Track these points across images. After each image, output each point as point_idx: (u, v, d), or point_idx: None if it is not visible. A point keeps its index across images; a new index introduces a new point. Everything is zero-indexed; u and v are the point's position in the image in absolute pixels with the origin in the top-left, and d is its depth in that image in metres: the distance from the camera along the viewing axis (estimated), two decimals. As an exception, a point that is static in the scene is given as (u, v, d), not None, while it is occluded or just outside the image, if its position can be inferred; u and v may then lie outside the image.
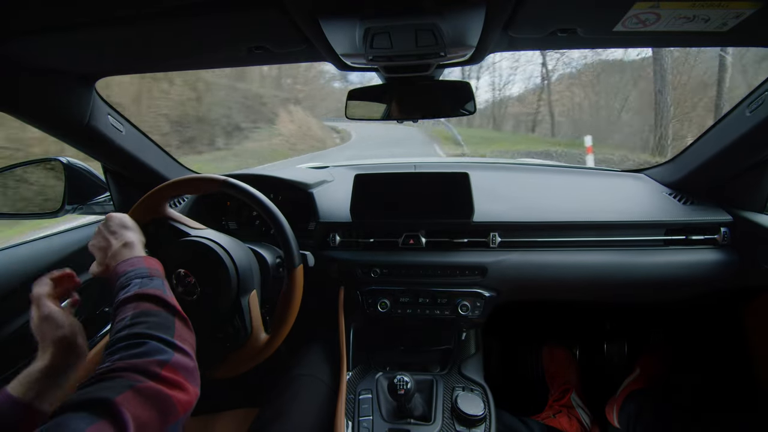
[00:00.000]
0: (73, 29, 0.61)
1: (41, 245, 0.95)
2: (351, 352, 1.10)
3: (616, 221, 1.03)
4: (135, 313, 0.49)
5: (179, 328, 0.50)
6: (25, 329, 0.85)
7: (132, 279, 0.56)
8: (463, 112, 0.91)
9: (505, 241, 1.04)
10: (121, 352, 0.43)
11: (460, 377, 1.03)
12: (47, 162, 1.07)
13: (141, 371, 0.41)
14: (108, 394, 0.37)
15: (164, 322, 0.50)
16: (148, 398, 0.39)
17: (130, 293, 0.53)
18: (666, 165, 1.21)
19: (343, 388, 0.89)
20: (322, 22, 0.59)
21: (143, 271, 0.58)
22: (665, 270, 0.99)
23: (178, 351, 0.46)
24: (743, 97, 0.88)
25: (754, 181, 0.99)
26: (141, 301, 0.52)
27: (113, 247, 0.64)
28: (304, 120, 16.32)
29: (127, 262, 0.60)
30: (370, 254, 1.07)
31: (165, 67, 0.99)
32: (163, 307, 0.52)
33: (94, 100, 0.91)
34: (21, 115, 0.81)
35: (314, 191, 1.14)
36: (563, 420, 1.16)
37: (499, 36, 0.67)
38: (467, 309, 1.02)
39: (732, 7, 0.55)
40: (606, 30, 0.64)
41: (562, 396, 1.24)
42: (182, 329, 0.51)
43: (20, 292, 0.86)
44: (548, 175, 1.36)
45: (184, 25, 0.63)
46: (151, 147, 1.14)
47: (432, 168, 1.16)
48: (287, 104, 15.96)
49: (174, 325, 0.50)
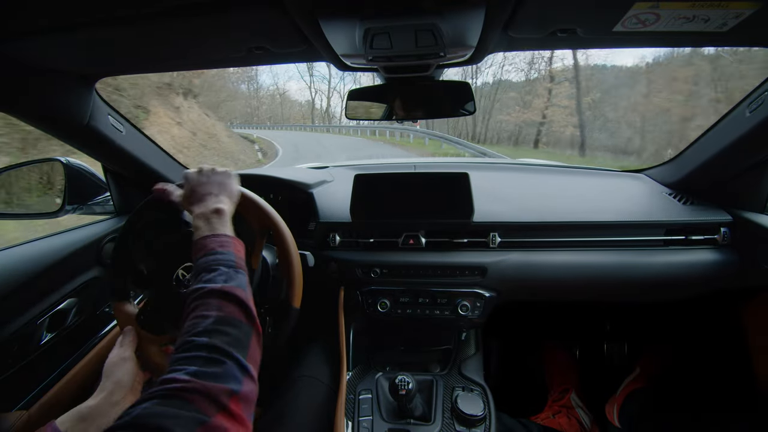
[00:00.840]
0: (73, 29, 0.61)
1: (41, 245, 0.95)
2: (351, 353, 1.10)
3: (616, 221, 1.03)
4: (219, 317, 0.46)
5: (253, 346, 0.46)
6: (26, 329, 0.86)
7: (220, 265, 0.53)
8: (462, 112, 0.91)
9: (505, 242, 1.04)
10: (198, 365, 0.39)
11: (460, 377, 1.03)
12: (47, 162, 1.07)
13: (213, 400, 0.37)
14: (175, 427, 0.33)
15: (243, 337, 0.46)
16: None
17: (217, 285, 0.50)
18: (666, 165, 1.21)
19: (343, 388, 0.89)
20: (322, 23, 0.59)
21: (231, 258, 0.55)
22: (665, 270, 0.99)
23: (249, 378, 0.42)
24: (743, 97, 0.88)
25: (754, 181, 0.99)
26: (226, 302, 0.48)
27: (208, 204, 0.63)
28: (202, 122, 10.62)
29: (217, 240, 0.57)
30: (370, 254, 1.07)
31: (165, 68, 0.99)
32: (245, 317, 0.48)
33: (94, 101, 0.91)
34: (21, 115, 0.81)
35: (314, 191, 1.14)
36: (562, 420, 1.16)
37: (499, 36, 0.67)
38: (467, 309, 1.02)
39: (732, 7, 0.55)
40: (606, 30, 0.64)
41: (562, 396, 1.24)
42: (255, 348, 0.47)
43: (20, 292, 0.86)
44: (548, 175, 1.36)
45: (184, 25, 0.63)
46: (152, 147, 1.14)
47: (432, 168, 1.16)
48: (170, 95, 9.31)
49: (249, 343, 0.46)
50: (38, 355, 0.88)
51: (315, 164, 1.50)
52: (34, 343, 0.89)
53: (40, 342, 0.90)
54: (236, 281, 0.52)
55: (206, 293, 0.49)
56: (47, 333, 0.91)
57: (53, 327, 0.93)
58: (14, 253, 0.90)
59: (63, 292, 0.95)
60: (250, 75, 35.76)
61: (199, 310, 0.47)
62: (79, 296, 0.98)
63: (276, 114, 39.59)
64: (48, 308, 0.91)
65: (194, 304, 0.48)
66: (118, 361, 0.62)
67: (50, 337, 0.92)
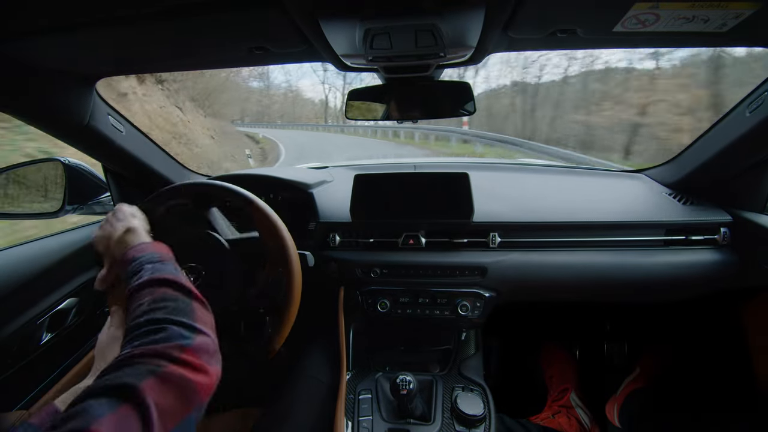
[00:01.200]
0: (74, 30, 0.61)
1: (41, 245, 0.96)
2: (351, 353, 1.10)
3: (615, 221, 1.03)
4: (152, 299, 0.48)
5: (198, 310, 0.49)
6: (26, 329, 0.86)
7: (143, 264, 0.55)
8: (462, 112, 0.91)
9: (505, 242, 1.04)
10: (141, 338, 0.42)
11: (459, 377, 1.03)
12: (47, 162, 1.07)
13: (162, 356, 0.40)
14: (129, 379, 0.36)
15: (183, 306, 0.48)
16: (170, 383, 0.38)
17: (144, 279, 0.51)
18: (666, 165, 1.21)
19: (342, 388, 0.89)
20: (322, 23, 0.59)
21: (154, 256, 0.57)
22: (665, 270, 0.99)
23: (200, 334, 0.45)
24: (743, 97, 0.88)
25: (754, 181, 0.99)
26: (156, 287, 0.50)
27: (117, 233, 0.64)
28: (166, 117, 7.46)
29: (135, 248, 0.59)
30: (370, 254, 1.07)
31: (165, 68, 0.99)
32: (180, 291, 0.51)
33: (94, 101, 0.91)
34: (21, 115, 0.81)
35: (314, 191, 1.14)
36: (562, 420, 1.16)
37: (499, 36, 0.67)
38: (467, 309, 1.02)
39: (731, 7, 0.55)
40: (605, 30, 0.64)
41: (561, 396, 1.24)
42: (201, 311, 0.49)
43: (20, 292, 0.86)
44: (548, 175, 1.36)
45: (184, 25, 0.63)
46: (152, 147, 1.15)
47: (432, 168, 1.16)
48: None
49: (193, 309, 0.49)
50: (38, 355, 0.89)
51: (315, 164, 1.50)
52: (34, 343, 0.89)
53: (40, 342, 0.90)
54: (162, 270, 0.53)
55: (136, 288, 0.50)
56: (47, 333, 0.92)
57: (53, 327, 0.93)
58: (14, 253, 0.90)
59: (63, 292, 0.95)
60: (261, 72, 34.76)
61: (134, 304, 0.49)
62: (79, 296, 0.98)
63: (288, 112, 38.17)
64: (48, 308, 0.91)
65: (130, 302, 0.50)
66: (110, 341, 0.62)
67: (50, 336, 0.92)
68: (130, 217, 0.68)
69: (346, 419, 0.90)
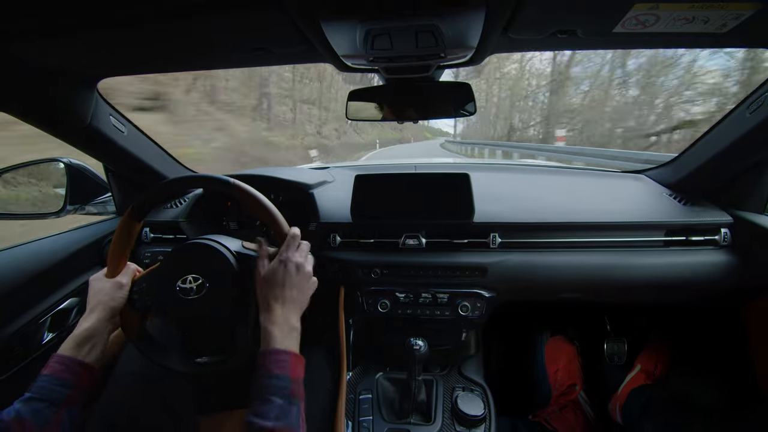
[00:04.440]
0: (75, 30, 0.62)
1: (43, 245, 0.96)
2: (351, 353, 1.10)
3: (616, 222, 1.03)
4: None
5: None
6: (27, 329, 0.86)
7: (273, 393, 0.54)
8: (463, 112, 0.91)
9: (505, 242, 1.04)
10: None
11: (460, 377, 1.04)
12: (49, 162, 1.08)
13: None
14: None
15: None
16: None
17: (267, 425, 0.51)
18: (666, 166, 1.21)
19: (343, 389, 0.89)
20: (322, 23, 0.59)
21: (286, 387, 0.56)
22: (665, 271, 0.99)
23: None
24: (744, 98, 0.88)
25: (754, 181, 0.99)
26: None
27: (288, 313, 0.63)
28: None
29: (277, 361, 0.57)
30: (371, 255, 1.07)
31: (167, 68, 0.99)
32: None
33: (96, 101, 0.91)
34: (23, 116, 0.82)
35: (315, 192, 1.14)
36: (569, 415, 1.15)
37: (499, 37, 0.67)
38: (467, 309, 1.02)
39: (731, 8, 0.55)
40: (606, 31, 0.64)
41: (570, 391, 1.24)
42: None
43: (22, 291, 0.86)
44: (548, 176, 1.36)
45: (185, 25, 0.63)
46: (153, 147, 1.15)
47: (432, 169, 1.16)
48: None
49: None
50: (40, 355, 0.89)
51: (315, 164, 1.50)
52: (36, 343, 0.89)
53: (42, 341, 0.90)
54: (287, 420, 0.53)
55: (258, 430, 0.51)
56: (49, 332, 0.92)
57: (55, 326, 0.93)
58: (16, 252, 0.90)
59: (65, 292, 0.95)
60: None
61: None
62: (80, 296, 0.99)
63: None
64: (50, 308, 0.91)
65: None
66: (112, 286, 0.68)
67: (52, 336, 0.92)
68: (307, 291, 0.68)
69: (346, 419, 0.90)
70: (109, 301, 0.67)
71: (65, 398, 0.57)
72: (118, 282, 0.70)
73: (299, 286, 0.66)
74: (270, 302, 0.63)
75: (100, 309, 0.66)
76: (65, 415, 0.56)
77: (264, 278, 0.65)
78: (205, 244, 0.71)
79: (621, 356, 1.39)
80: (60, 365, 0.59)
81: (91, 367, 0.62)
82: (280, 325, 0.61)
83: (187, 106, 9.44)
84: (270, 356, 0.58)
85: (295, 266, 0.66)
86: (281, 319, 0.62)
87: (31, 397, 0.56)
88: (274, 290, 0.64)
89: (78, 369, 0.60)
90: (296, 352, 0.61)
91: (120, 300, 0.69)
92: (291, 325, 0.63)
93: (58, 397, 0.57)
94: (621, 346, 1.41)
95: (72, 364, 0.60)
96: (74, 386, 0.58)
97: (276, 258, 0.66)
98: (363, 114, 0.97)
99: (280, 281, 0.64)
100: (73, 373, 0.59)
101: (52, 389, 0.57)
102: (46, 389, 0.57)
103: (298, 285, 0.66)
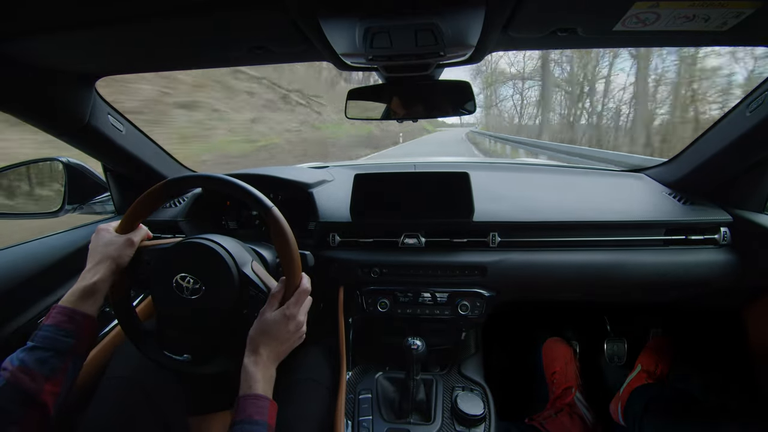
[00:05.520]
0: (73, 29, 0.61)
1: (42, 244, 0.96)
2: (351, 353, 1.10)
3: (615, 221, 1.03)
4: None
5: None
6: (27, 328, 0.86)
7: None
8: (463, 111, 0.91)
9: (504, 241, 1.04)
10: None
11: (460, 377, 1.03)
12: (47, 162, 1.07)
13: None
14: None
15: None
16: None
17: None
18: (666, 165, 1.21)
19: (342, 388, 0.89)
20: (322, 22, 0.59)
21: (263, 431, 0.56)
22: (665, 270, 0.99)
23: None
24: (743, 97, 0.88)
25: (754, 181, 0.99)
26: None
27: (268, 361, 0.62)
28: None
29: (258, 406, 0.57)
30: (370, 254, 1.07)
31: (166, 67, 0.99)
32: None
33: (94, 100, 0.91)
34: (21, 115, 0.81)
35: (314, 191, 1.14)
36: (565, 419, 1.15)
37: (499, 35, 0.67)
38: (467, 309, 1.02)
39: (732, 6, 0.55)
40: (606, 29, 0.64)
41: (565, 395, 1.24)
42: None
43: (22, 291, 0.86)
44: (548, 175, 1.36)
45: (183, 24, 0.63)
46: (151, 146, 1.15)
47: (432, 168, 1.16)
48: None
49: None
50: None
51: (315, 164, 1.50)
52: None
53: None
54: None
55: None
56: (47, 332, 0.91)
57: (53, 326, 0.93)
58: (15, 252, 0.90)
59: (64, 291, 0.95)
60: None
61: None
62: None
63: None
64: (49, 307, 0.91)
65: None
66: (124, 242, 0.69)
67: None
68: (305, 316, 0.68)
69: (346, 419, 0.90)
70: (117, 258, 0.68)
71: (70, 348, 0.58)
72: (130, 239, 0.70)
73: (291, 343, 0.66)
74: (260, 348, 0.62)
75: (108, 263, 0.67)
76: (70, 364, 0.58)
77: (265, 323, 0.64)
78: (206, 245, 0.71)
79: (621, 356, 1.39)
80: (63, 316, 0.60)
81: (92, 318, 0.64)
82: (263, 371, 0.61)
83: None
84: (252, 401, 0.58)
85: (296, 325, 0.66)
86: (264, 366, 0.62)
87: (34, 346, 0.56)
88: (270, 340, 0.63)
89: (81, 320, 0.61)
90: (271, 398, 0.61)
91: (127, 259, 0.70)
92: (271, 373, 0.63)
93: (63, 347, 0.58)
94: (621, 347, 1.41)
95: (75, 315, 0.61)
96: (78, 336, 0.60)
97: (282, 309, 0.64)
98: (362, 113, 0.96)
99: (278, 335, 0.64)
100: (77, 324, 0.61)
101: (57, 339, 0.58)
102: (50, 339, 0.57)
103: (290, 343, 0.66)
